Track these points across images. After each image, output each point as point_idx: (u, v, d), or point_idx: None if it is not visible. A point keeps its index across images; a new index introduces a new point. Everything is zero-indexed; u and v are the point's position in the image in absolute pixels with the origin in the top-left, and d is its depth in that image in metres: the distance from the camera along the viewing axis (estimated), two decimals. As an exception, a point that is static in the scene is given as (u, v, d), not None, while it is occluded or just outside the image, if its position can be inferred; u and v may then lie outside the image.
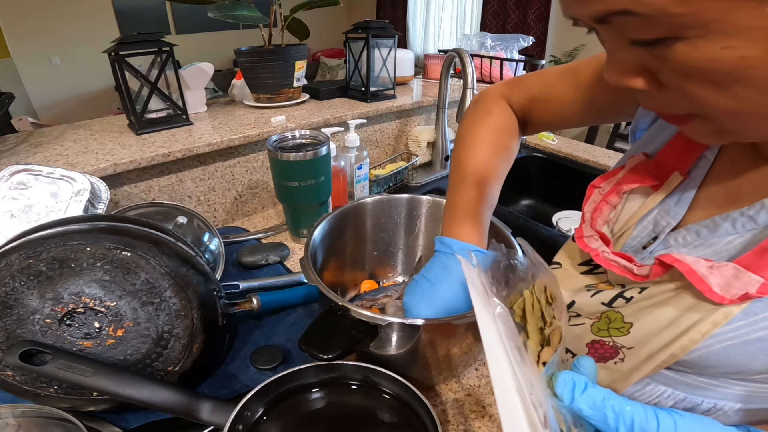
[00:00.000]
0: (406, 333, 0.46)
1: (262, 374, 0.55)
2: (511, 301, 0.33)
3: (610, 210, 0.41)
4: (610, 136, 2.53)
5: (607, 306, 0.39)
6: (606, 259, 0.37)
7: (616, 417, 0.26)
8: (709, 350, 0.31)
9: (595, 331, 0.40)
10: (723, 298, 0.29)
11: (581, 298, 0.42)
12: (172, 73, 0.88)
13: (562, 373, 0.28)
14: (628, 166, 0.41)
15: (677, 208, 0.36)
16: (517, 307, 0.33)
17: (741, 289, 0.29)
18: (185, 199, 0.86)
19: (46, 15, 3.43)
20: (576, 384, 0.27)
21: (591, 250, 0.39)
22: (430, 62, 1.48)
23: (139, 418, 0.49)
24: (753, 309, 0.29)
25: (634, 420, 0.26)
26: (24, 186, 0.58)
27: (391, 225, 0.69)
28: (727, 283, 0.29)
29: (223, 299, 0.53)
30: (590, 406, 0.27)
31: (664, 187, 0.37)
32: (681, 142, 0.38)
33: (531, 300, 0.33)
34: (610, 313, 0.39)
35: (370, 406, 0.45)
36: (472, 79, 0.89)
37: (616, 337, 0.37)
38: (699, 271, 0.30)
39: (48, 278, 0.42)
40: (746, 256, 0.30)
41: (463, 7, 3.94)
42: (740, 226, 0.32)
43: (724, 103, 0.24)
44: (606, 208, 0.41)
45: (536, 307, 0.32)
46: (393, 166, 1.09)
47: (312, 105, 1.11)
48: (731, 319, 0.30)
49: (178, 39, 2.15)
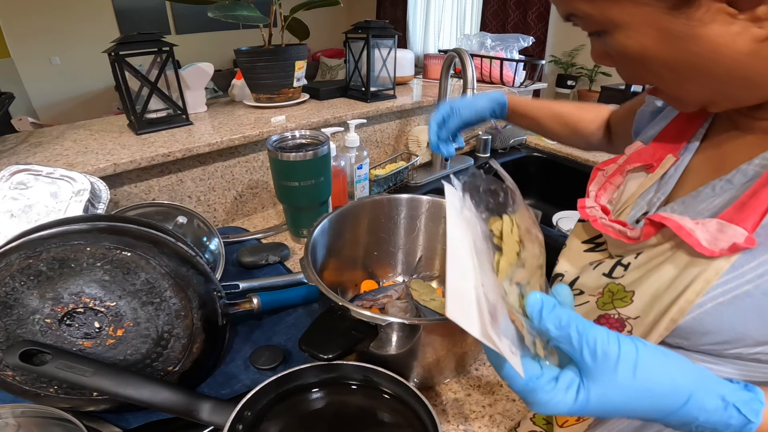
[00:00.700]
0: (406, 333, 0.46)
1: (262, 374, 0.55)
2: (490, 223, 0.36)
3: (614, 190, 0.44)
4: (610, 136, 2.54)
5: (607, 277, 0.40)
6: (603, 224, 0.40)
7: (580, 338, 0.27)
8: (703, 311, 0.32)
9: (600, 305, 0.40)
10: (712, 252, 0.31)
11: (585, 274, 0.43)
12: (172, 73, 0.88)
13: (532, 293, 0.29)
14: (628, 152, 0.45)
15: (666, 186, 0.40)
16: (496, 229, 0.35)
17: (727, 242, 0.30)
18: (185, 199, 0.86)
19: (46, 15, 3.43)
20: (544, 304, 0.28)
21: (590, 216, 0.42)
22: (430, 62, 1.48)
23: (139, 418, 0.49)
24: (739, 262, 0.30)
25: (597, 342, 0.27)
26: (24, 186, 0.58)
27: (391, 225, 0.69)
28: (713, 237, 0.31)
29: (223, 299, 0.53)
30: (556, 326, 0.28)
31: (659, 168, 0.41)
32: (673, 129, 0.42)
33: (510, 225, 0.35)
34: (611, 285, 0.40)
35: (370, 406, 0.45)
36: (472, 79, 0.89)
37: (621, 308, 0.38)
38: (686, 226, 0.32)
39: (48, 278, 0.42)
40: (727, 211, 0.32)
41: (463, 7, 3.94)
42: (719, 189, 0.35)
43: (651, 78, 0.31)
44: (610, 188, 0.44)
45: (515, 231, 0.35)
46: (393, 166, 1.09)
47: (312, 105, 1.11)
48: (721, 275, 0.31)
49: (178, 39, 2.15)
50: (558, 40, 3.44)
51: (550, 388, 0.28)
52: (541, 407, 0.28)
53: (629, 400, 0.27)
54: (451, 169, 1.19)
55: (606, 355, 0.26)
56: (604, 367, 0.27)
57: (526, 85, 1.47)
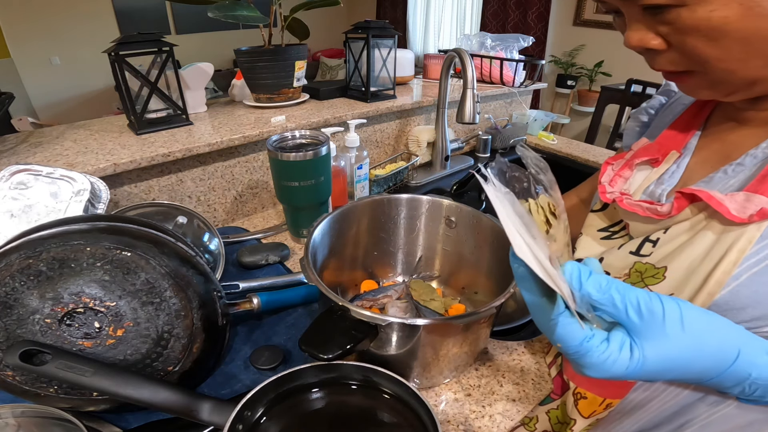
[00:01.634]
0: (406, 333, 0.46)
1: (262, 374, 0.55)
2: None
3: (623, 182, 0.46)
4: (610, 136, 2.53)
5: (635, 255, 0.41)
6: (629, 204, 0.41)
7: (623, 298, 0.27)
8: (739, 283, 0.32)
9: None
10: (742, 219, 0.32)
11: (609, 254, 0.44)
12: (172, 73, 0.88)
13: (567, 263, 0.29)
14: (635, 147, 0.47)
15: (672, 179, 0.42)
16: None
17: (755, 209, 0.31)
18: (185, 199, 0.86)
19: (46, 15, 3.43)
20: (582, 271, 0.29)
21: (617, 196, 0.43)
22: (430, 62, 1.48)
23: (139, 418, 0.49)
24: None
25: (639, 300, 0.27)
26: (24, 186, 0.58)
27: (391, 225, 0.69)
28: (741, 206, 0.32)
29: (223, 299, 0.53)
30: (597, 290, 0.28)
31: (664, 163, 0.43)
32: (677, 128, 0.45)
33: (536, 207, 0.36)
34: (638, 265, 0.40)
35: (370, 406, 0.45)
36: (472, 79, 0.89)
37: (653, 285, 0.38)
38: (716, 196, 0.33)
39: (48, 278, 0.42)
40: (750, 185, 0.33)
41: (463, 7, 3.94)
42: (731, 172, 0.37)
43: (715, 53, 0.32)
44: (620, 180, 0.46)
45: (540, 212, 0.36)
46: (393, 166, 1.09)
47: (312, 105, 1.11)
48: (754, 243, 0.32)
49: (178, 39, 2.15)
50: (558, 40, 3.44)
51: (604, 348, 0.28)
52: (595, 369, 0.28)
53: (682, 355, 0.27)
54: (451, 169, 1.19)
55: (651, 312, 0.27)
56: (652, 324, 0.27)
57: (526, 85, 1.47)
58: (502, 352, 0.60)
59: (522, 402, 0.53)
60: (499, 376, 0.56)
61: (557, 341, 0.29)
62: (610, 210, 0.48)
